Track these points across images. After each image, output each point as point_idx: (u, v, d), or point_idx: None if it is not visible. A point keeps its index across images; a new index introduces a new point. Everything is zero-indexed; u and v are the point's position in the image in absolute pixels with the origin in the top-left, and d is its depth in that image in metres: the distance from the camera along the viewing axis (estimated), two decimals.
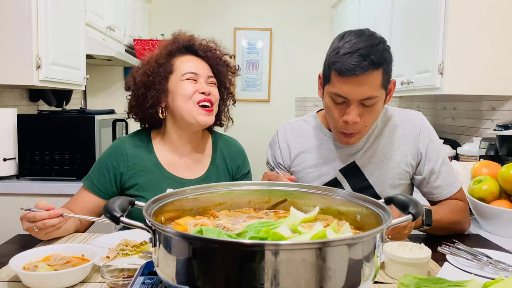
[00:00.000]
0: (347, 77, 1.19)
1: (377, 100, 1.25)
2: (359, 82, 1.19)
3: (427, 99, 3.23)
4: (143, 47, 3.68)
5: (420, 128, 1.41)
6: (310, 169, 1.44)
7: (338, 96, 1.24)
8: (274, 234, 0.71)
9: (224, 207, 0.97)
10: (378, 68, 1.20)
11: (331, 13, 4.49)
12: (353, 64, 1.18)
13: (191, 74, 1.39)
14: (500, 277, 0.87)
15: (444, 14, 2.17)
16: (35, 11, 2.09)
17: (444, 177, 1.40)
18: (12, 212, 2.12)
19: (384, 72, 1.23)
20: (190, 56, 1.44)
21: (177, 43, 1.45)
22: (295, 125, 1.51)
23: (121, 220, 0.70)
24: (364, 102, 1.24)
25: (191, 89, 1.38)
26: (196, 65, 1.42)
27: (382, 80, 1.23)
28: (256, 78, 4.65)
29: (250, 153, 1.68)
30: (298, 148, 1.46)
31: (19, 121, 2.24)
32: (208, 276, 0.62)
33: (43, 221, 1.15)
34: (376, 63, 1.19)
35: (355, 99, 1.23)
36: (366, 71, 1.18)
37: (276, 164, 1.50)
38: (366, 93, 1.21)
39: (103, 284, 0.97)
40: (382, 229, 0.68)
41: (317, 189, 0.95)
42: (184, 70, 1.40)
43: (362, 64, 1.17)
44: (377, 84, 1.22)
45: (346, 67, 1.18)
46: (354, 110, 1.24)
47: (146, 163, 1.42)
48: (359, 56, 1.18)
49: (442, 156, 1.41)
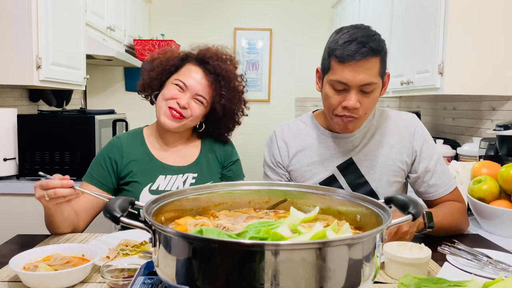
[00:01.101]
0: (347, 63, 1.24)
1: (375, 87, 1.29)
2: (359, 68, 1.24)
3: (427, 99, 3.23)
4: (143, 47, 3.68)
5: (415, 128, 1.44)
6: (308, 167, 1.46)
7: (339, 83, 1.28)
8: (274, 234, 0.71)
9: (224, 207, 0.97)
10: (376, 55, 1.26)
11: (331, 13, 4.49)
12: (353, 50, 1.23)
13: (181, 83, 1.44)
14: (500, 277, 0.87)
15: (444, 14, 2.17)
16: (35, 11, 2.09)
17: (439, 176, 1.41)
18: (12, 212, 2.14)
19: (381, 60, 1.28)
20: (198, 69, 1.47)
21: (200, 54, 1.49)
22: (292, 125, 1.53)
23: (121, 220, 0.70)
24: (363, 89, 1.28)
25: (172, 94, 1.44)
26: (194, 79, 1.45)
27: (380, 68, 1.28)
28: (256, 78, 4.64)
29: (250, 153, 1.69)
30: (296, 147, 1.48)
31: (19, 121, 2.24)
32: (208, 276, 0.62)
33: (55, 190, 1.16)
34: (374, 49, 1.24)
35: (355, 85, 1.27)
36: (366, 56, 1.23)
37: (275, 163, 1.51)
38: (366, 78, 1.26)
39: (103, 284, 0.97)
40: (382, 229, 0.68)
41: (317, 189, 0.95)
42: (179, 76, 1.46)
43: (361, 50, 1.23)
44: (375, 70, 1.27)
45: (347, 53, 1.24)
46: (354, 96, 1.28)
47: (139, 154, 1.50)
48: (358, 43, 1.24)
49: (436, 155, 1.43)
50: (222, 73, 1.46)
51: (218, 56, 1.49)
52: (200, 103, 1.45)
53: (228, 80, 1.47)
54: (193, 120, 1.48)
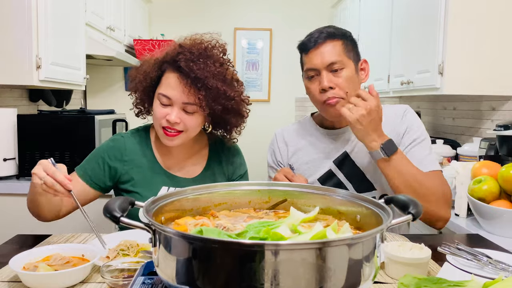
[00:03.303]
0: (311, 51, 1.39)
1: (343, 66, 1.37)
2: (321, 51, 1.38)
3: (427, 99, 3.23)
4: (143, 47, 3.68)
5: (404, 111, 1.47)
6: (307, 165, 1.50)
7: (310, 70, 1.40)
8: (274, 234, 0.71)
9: (224, 207, 0.97)
10: (334, 38, 1.39)
11: (331, 13, 4.49)
12: (313, 38, 1.39)
13: (164, 98, 1.31)
14: (500, 277, 0.87)
15: (444, 14, 2.17)
16: (35, 11, 2.09)
17: (413, 155, 1.36)
18: (12, 212, 2.14)
19: (344, 44, 1.39)
20: (174, 74, 1.31)
21: (168, 55, 1.33)
22: (291, 127, 1.62)
23: (121, 220, 0.70)
24: (331, 68, 1.37)
25: (160, 112, 1.33)
26: (175, 88, 1.30)
27: (343, 49, 1.39)
28: (256, 78, 4.64)
29: (250, 153, 1.69)
30: (295, 146, 1.54)
31: (19, 121, 2.24)
32: (208, 276, 0.62)
33: (53, 182, 1.14)
34: (331, 33, 1.39)
35: (322, 67, 1.37)
36: (325, 40, 1.38)
37: (276, 163, 1.57)
38: (329, 58, 1.37)
39: (103, 284, 0.97)
40: (382, 229, 0.68)
41: (317, 189, 0.95)
42: (161, 89, 1.33)
43: (320, 35, 1.39)
44: (338, 51, 1.38)
45: (307, 43, 1.40)
46: (325, 76, 1.37)
47: (143, 160, 1.41)
48: (316, 32, 1.41)
49: (420, 138, 1.41)
50: (196, 72, 1.27)
51: (191, 52, 1.30)
52: (191, 113, 1.32)
53: (205, 77, 1.28)
54: (192, 131, 1.37)
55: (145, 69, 1.38)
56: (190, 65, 1.28)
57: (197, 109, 1.32)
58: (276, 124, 1.63)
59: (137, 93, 1.42)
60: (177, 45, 1.36)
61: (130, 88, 1.44)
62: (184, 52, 1.31)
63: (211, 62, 1.32)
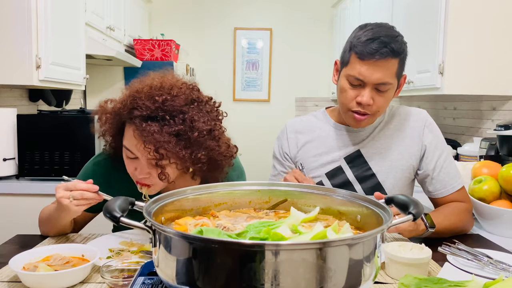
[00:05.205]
0: (366, 61, 1.28)
1: (390, 87, 1.32)
2: (377, 67, 1.28)
3: (427, 99, 3.23)
4: (143, 47, 3.68)
5: (424, 123, 1.45)
6: (315, 158, 1.48)
7: (355, 79, 1.31)
8: (275, 234, 0.71)
9: (224, 207, 0.96)
10: (396, 57, 1.29)
11: (331, 13, 4.49)
12: (374, 49, 1.26)
13: (128, 152, 1.19)
14: (501, 277, 0.87)
15: (444, 14, 2.17)
16: (35, 11, 2.09)
17: (447, 172, 1.41)
18: (12, 212, 2.14)
19: (400, 62, 1.31)
20: (129, 126, 1.18)
21: (125, 108, 1.17)
22: (304, 118, 1.57)
23: (121, 220, 0.70)
24: (378, 87, 1.31)
25: (129, 169, 1.23)
26: (133, 142, 1.16)
27: (397, 69, 1.31)
28: (256, 78, 4.64)
29: (250, 153, 1.68)
30: (305, 137, 1.51)
31: (19, 121, 2.23)
32: (208, 276, 0.62)
33: (82, 192, 1.15)
34: (395, 51, 1.27)
35: (371, 83, 1.29)
36: (385, 57, 1.27)
37: (282, 155, 1.53)
38: (382, 78, 1.29)
39: (103, 284, 0.96)
40: (383, 229, 0.68)
41: (317, 189, 0.95)
42: (125, 143, 1.20)
43: (382, 50, 1.26)
44: (392, 71, 1.30)
45: (367, 51, 1.27)
46: (368, 92, 1.31)
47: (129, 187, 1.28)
48: (380, 43, 1.26)
49: (446, 151, 1.44)
50: (149, 138, 1.11)
51: (146, 106, 1.13)
52: (159, 166, 1.16)
53: (160, 143, 1.12)
54: (167, 182, 1.21)
55: (106, 120, 1.25)
56: (143, 126, 1.12)
57: (164, 156, 1.15)
58: (276, 124, 1.61)
59: (108, 148, 1.33)
60: (132, 93, 1.18)
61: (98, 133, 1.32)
62: (139, 106, 1.14)
63: (171, 119, 1.13)
